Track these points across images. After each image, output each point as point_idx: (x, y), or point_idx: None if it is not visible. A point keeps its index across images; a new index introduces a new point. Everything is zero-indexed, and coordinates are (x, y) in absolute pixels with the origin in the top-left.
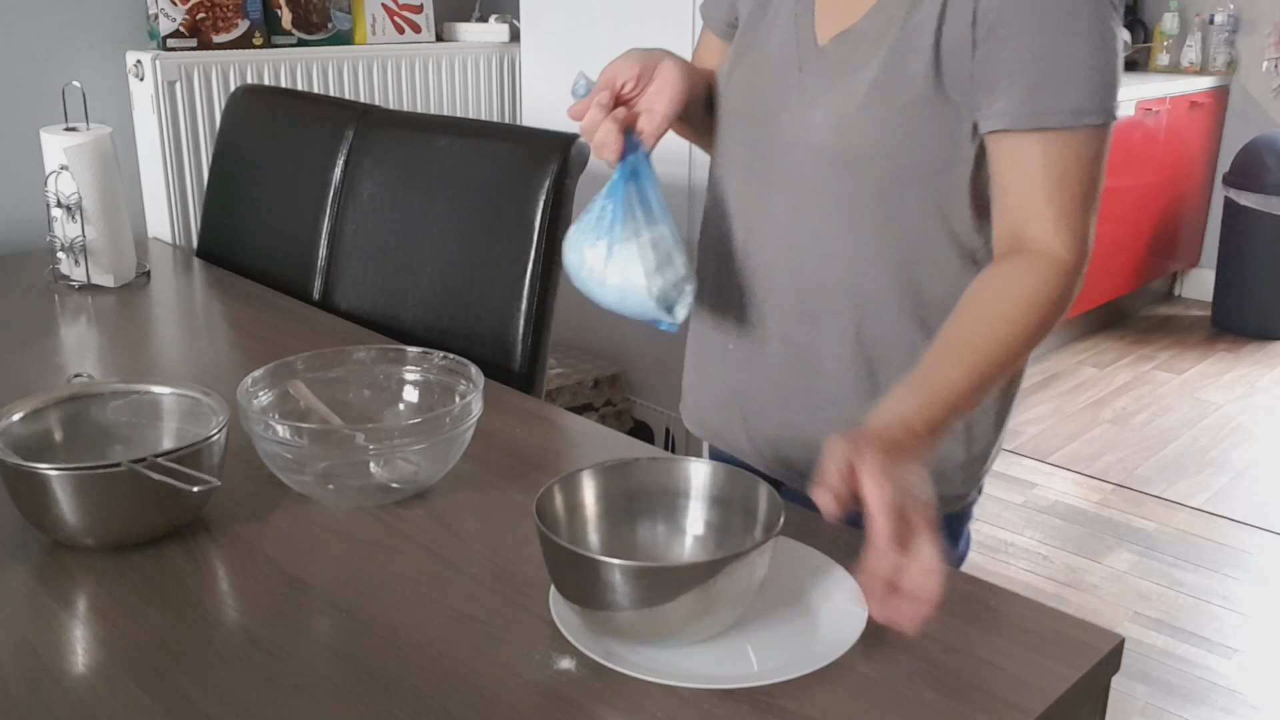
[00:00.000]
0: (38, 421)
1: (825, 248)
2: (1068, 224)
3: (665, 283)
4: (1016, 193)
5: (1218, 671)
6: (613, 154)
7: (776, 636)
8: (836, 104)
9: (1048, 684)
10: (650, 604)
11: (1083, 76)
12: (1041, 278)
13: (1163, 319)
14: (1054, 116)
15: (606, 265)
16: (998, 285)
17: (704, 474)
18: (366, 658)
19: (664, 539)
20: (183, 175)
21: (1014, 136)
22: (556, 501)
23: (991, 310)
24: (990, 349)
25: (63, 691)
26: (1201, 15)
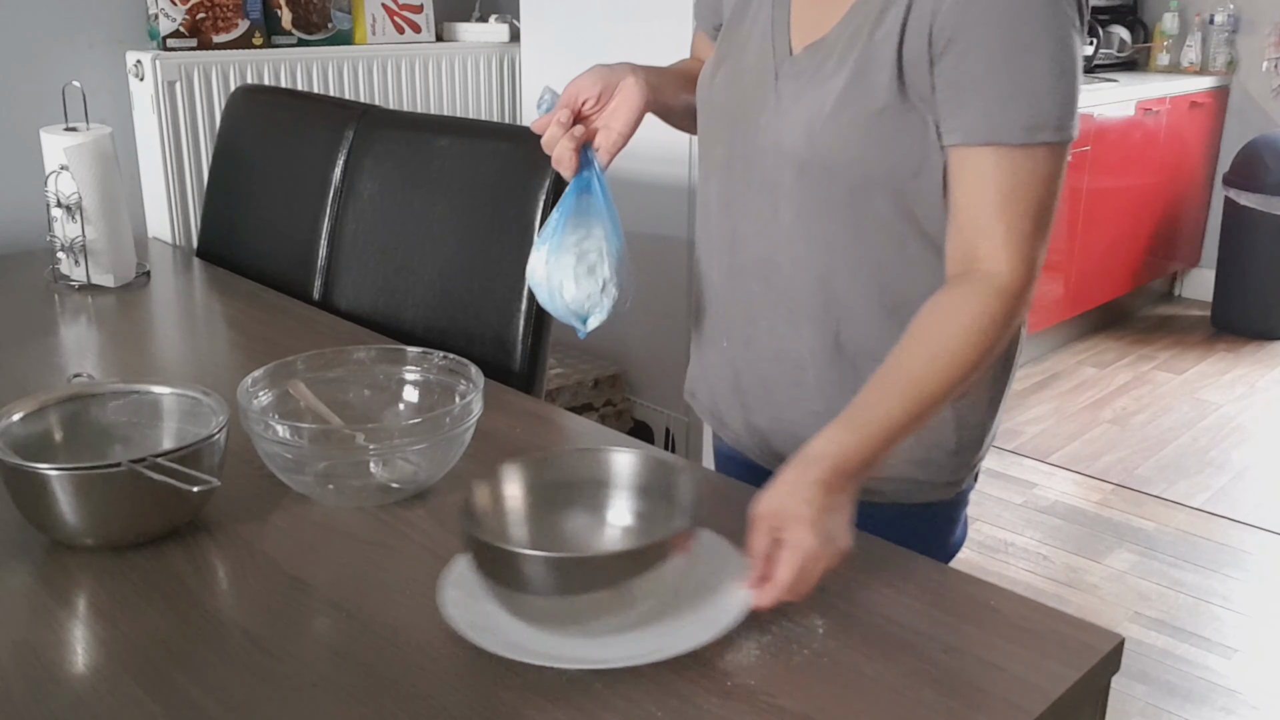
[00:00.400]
0: (38, 421)
1: (799, 251)
2: (1015, 243)
3: (581, 293)
4: (968, 207)
5: (1218, 672)
6: (568, 170)
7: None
8: (806, 112)
9: (1048, 684)
10: (567, 593)
11: (1039, 94)
12: (983, 305)
13: (1163, 319)
14: (1008, 133)
15: (545, 269)
16: (940, 316)
17: (630, 464)
18: (366, 658)
19: (588, 530)
20: (183, 175)
21: (968, 151)
22: (483, 498)
23: (932, 342)
24: (929, 381)
25: (62, 691)
26: (1201, 15)
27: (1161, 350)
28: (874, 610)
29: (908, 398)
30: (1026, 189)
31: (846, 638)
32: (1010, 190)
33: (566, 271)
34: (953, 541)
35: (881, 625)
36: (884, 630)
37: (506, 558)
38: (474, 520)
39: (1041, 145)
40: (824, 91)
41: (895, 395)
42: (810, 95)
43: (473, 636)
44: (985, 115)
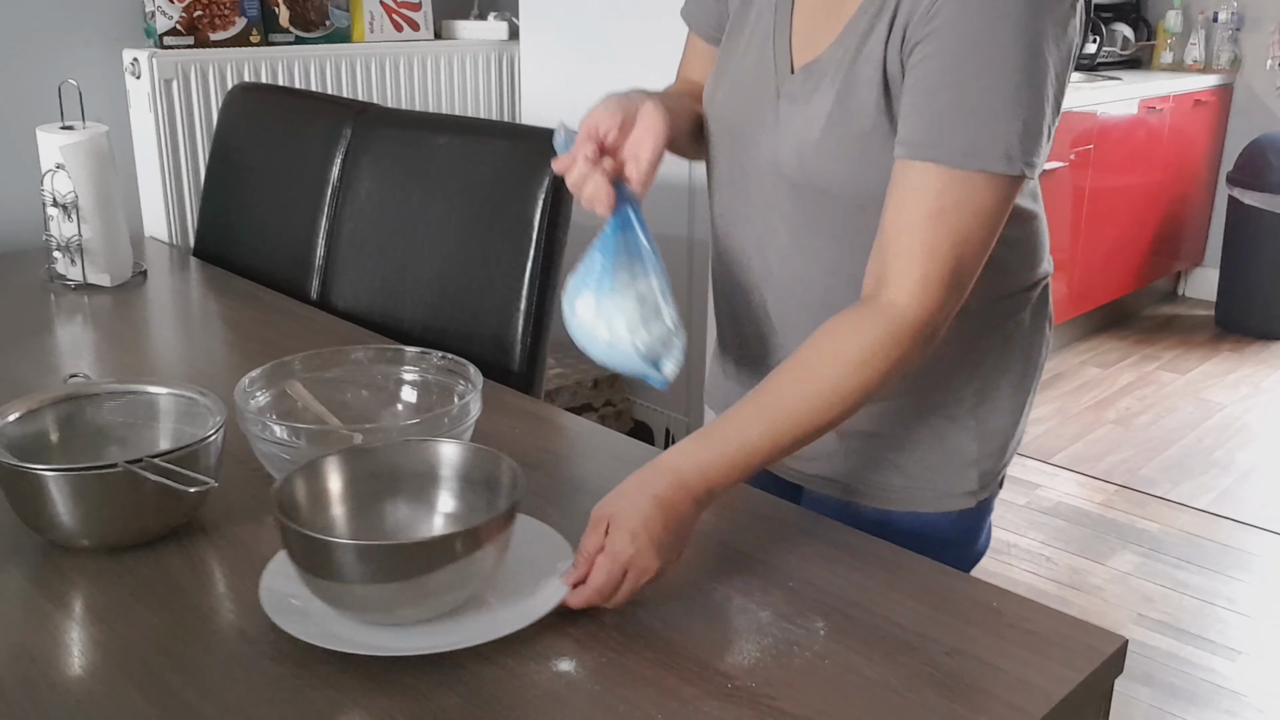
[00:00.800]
0: (33, 422)
1: (798, 268)
2: (924, 269)
3: (651, 338)
4: (893, 223)
5: (1222, 674)
6: (605, 207)
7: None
8: (797, 135)
9: (1051, 686)
10: (383, 580)
11: (985, 119)
12: (875, 339)
13: (1167, 319)
14: (944, 153)
15: (595, 319)
16: (828, 345)
17: (452, 454)
18: (364, 658)
19: (410, 520)
20: (179, 174)
21: (906, 164)
22: (299, 488)
23: (814, 373)
24: (801, 413)
25: (58, 694)
26: (1205, 13)
27: (1165, 350)
28: (876, 612)
29: (776, 426)
30: (953, 215)
31: (848, 639)
32: (937, 213)
33: (630, 317)
34: (975, 551)
35: (883, 627)
36: (886, 632)
37: (317, 546)
38: (291, 509)
39: (980, 174)
40: (812, 114)
41: (763, 421)
42: (801, 118)
43: (285, 624)
44: (928, 131)
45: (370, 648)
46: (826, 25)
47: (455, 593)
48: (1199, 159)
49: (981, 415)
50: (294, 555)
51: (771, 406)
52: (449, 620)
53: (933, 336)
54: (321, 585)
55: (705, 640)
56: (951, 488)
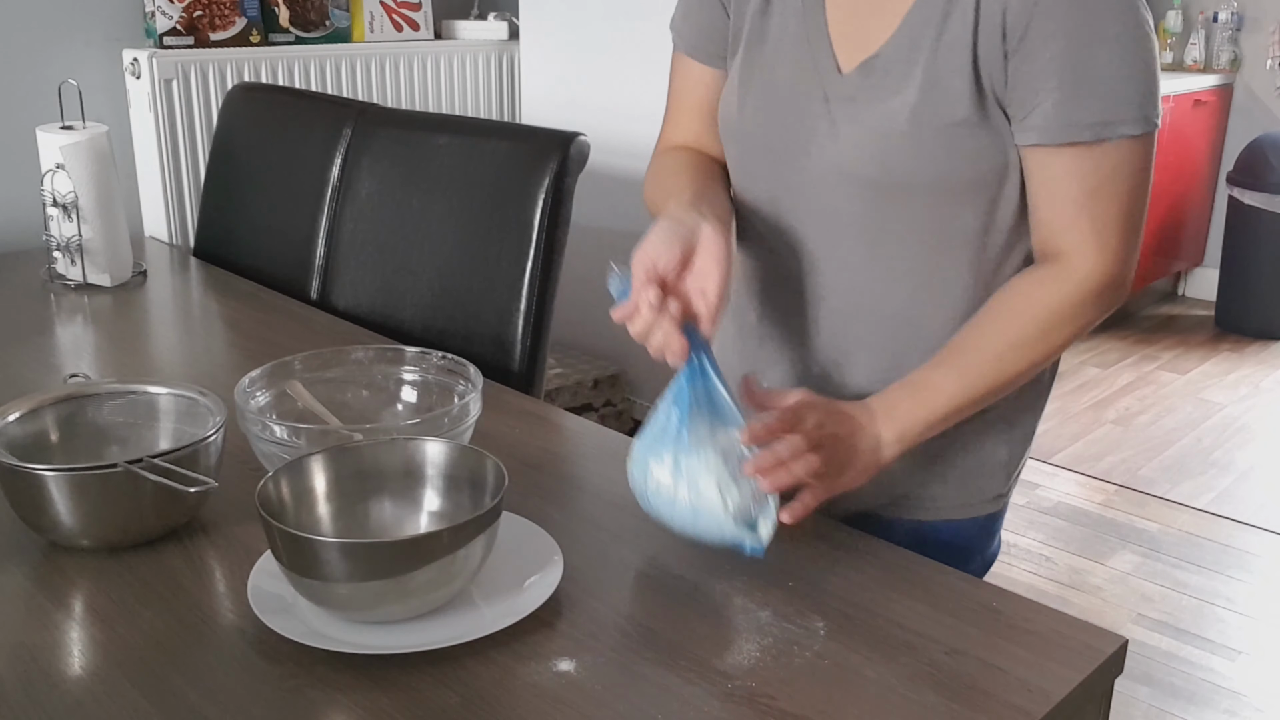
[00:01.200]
0: (34, 422)
1: (867, 280)
2: (1100, 238)
3: (742, 496)
4: (1048, 207)
5: (1221, 674)
6: (678, 358)
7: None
8: (874, 133)
9: (1051, 686)
10: (367, 578)
11: (1114, 87)
12: (1063, 290)
13: (1166, 319)
14: (1085, 130)
15: (675, 481)
16: (1017, 303)
17: (438, 453)
18: (364, 659)
19: (395, 518)
20: (179, 174)
21: (1046, 151)
22: (284, 487)
23: (1004, 326)
24: (989, 364)
25: (59, 694)
26: (1205, 13)
27: (1165, 350)
28: (875, 612)
29: (966, 374)
30: (1110, 185)
31: (848, 639)
32: (1094, 189)
33: (716, 473)
34: (990, 553)
35: (883, 627)
36: (885, 632)
37: (301, 544)
38: (276, 508)
39: (1122, 139)
40: (892, 109)
41: (955, 368)
42: (875, 114)
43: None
44: (1059, 114)
45: (356, 645)
46: (875, 21)
47: (439, 591)
48: (1199, 159)
49: (1011, 417)
50: (279, 553)
51: (962, 355)
52: (438, 618)
53: (1121, 288)
54: (306, 583)
55: (705, 640)
56: (984, 493)
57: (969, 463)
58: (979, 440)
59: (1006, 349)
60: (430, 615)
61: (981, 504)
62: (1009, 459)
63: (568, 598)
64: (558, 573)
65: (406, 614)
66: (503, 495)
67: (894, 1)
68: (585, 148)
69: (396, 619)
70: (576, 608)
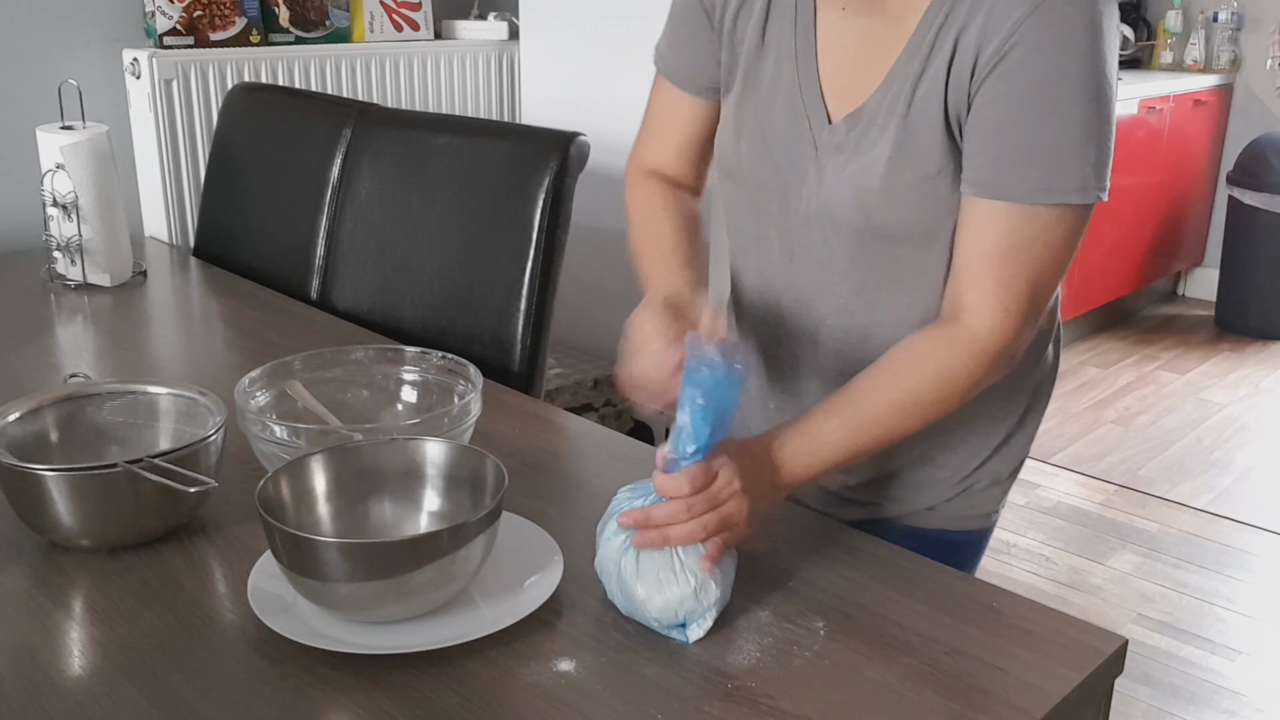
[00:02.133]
0: (34, 422)
1: (856, 320)
2: (1003, 302)
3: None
4: (965, 254)
5: (1221, 674)
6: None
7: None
8: (854, 184)
9: (1051, 686)
10: (366, 578)
11: (1055, 157)
12: (954, 359)
13: (1166, 319)
14: (1017, 191)
15: (608, 564)
16: (909, 359)
17: (438, 453)
18: (364, 659)
19: (395, 518)
20: (179, 174)
21: (976, 200)
22: (284, 487)
23: (894, 380)
24: (879, 416)
25: (59, 694)
26: (1205, 13)
27: (1165, 350)
28: (875, 612)
29: (853, 423)
30: (1026, 249)
31: (848, 639)
32: (1010, 248)
33: (646, 574)
34: (978, 565)
35: (883, 627)
36: (885, 632)
37: (301, 544)
38: (276, 508)
39: (1054, 207)
40: (869, 162)
41: (843, 418)
42: (855, 167)
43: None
44: (998, 168)
45: (356, 645)
46: (864, 73)
47: (439, 591)
48: (1199, 159)
49: (1011, 436)
50: (279, 553)
51: (851, 406)
52: (438, 618)
53: (1011, 359)
54: (306, 584)
55: (705, 640)
56: (979, 508)
57: (968, 480)
58: (973, 458)
59: (896, 407)
60: (430, 615)
61: (976, 518)
62: (1006, 476)
63: (568, 598)
64: (558, 573)
65: (406, 614)
66: (503, 495)
67: (882, 54)
68: (585, 148)
69: (397, 619)
70: (576, 608)
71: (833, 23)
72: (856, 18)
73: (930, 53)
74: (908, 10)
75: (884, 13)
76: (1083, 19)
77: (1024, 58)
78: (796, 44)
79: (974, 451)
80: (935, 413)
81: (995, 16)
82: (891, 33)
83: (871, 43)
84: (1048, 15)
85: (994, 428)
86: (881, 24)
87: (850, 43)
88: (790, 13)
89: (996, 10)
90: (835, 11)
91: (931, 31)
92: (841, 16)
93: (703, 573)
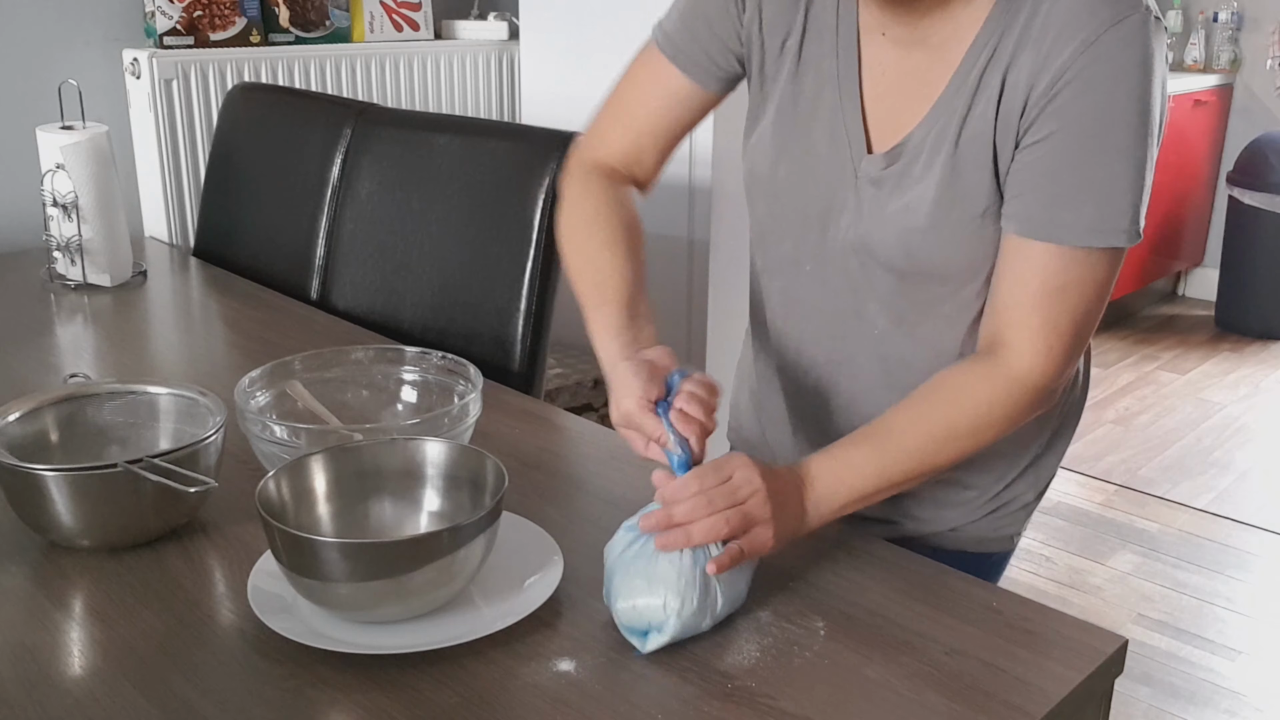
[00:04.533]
0: (34, 422)
1: (894, 350)
2: (1047, 341)
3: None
4: (1008, 294)
5: (1221, 674)
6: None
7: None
8: (898, 223)
9: (1051, 686)
10: (367, 578)
11: (1113, 198)
12: (998, 388)
13: (1166, 319)
14: (1069, 233)
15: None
16: (947, 393)
17: (438, 453)
18: (364, 659)
19: (395, 518)
20: (180, 174)
21: (1022, 240)
22: (284, 487)
23: (930, 414)
24: (912, 450)
25: (59, 694)
26: (1205, 13)
27: (1165, 350)
28: (875, 612)
29: (885, 456)
30: (1074, 291)
31: (848, 639)
32: (1058, 289)
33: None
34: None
35: (883, 627)
36: (886, 632)
37: (301, 544)
38: (276, 508)
39: (1101, 251)
40: (914, 199)
41: (875, 449)
42: (899, 204)
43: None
44: (1050, 210)
45: (356, 646)
46: (908, 105)
47: (439, 591)
48: (1199, 159)
49: (1038, 459)
50: (279, 553)
51: (883, 434)
52: (438, 618)
53: (1051, 397)
54: (305, 583)
55: (705, 640)
56: (1003, 530)
57: (992, 504)
58: (997, 482)
59: (931, 440)
60: (430, 615)
61: (999, 540)
62: (1032, 500)
63: (568, 598)
64: (558, 573)
65: (406, 614)
66: (503, 495)
67: (925, 88)
68: None
69: (396, 619)
70: (576, 608)
71: (875, 49)
72: (898, 48)
73: (977, 90)
74: (951, 42)
75: (925, 45)
76: (1135, 54)
77: (1077, 95)
78: (839, 68)
79: (1001, 474)
80: (969, 447)
81: (1046, 53)
82: (934, 67)
83: (914, 76)
84: (1101, 51)
85: (1022, 451)
86: (924, 56)
87: (892, 72)
88: (831, 34)
89: (1046, 46)
90: (877, 37)
91: (978, 68)
92: (884, 44)
93: (680, 582)
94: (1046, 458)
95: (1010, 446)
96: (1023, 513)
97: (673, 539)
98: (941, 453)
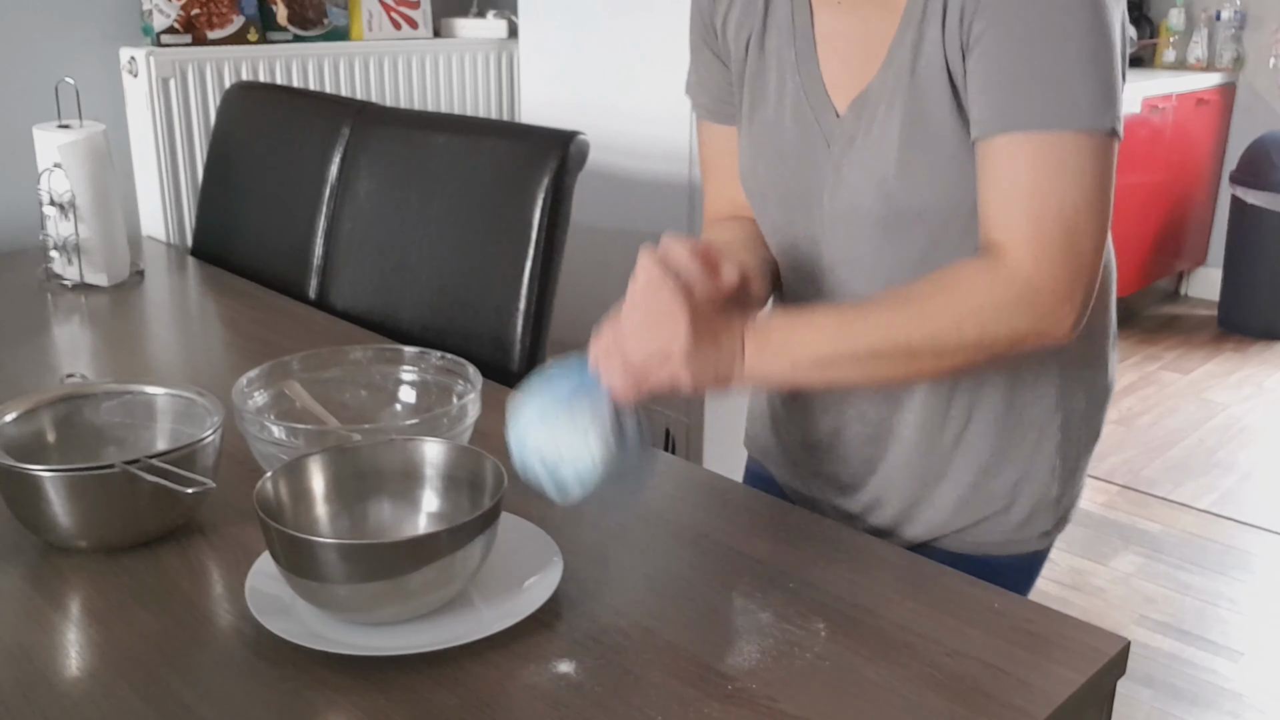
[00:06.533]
0: (31, 422)
1: None
2: (1038, 235)
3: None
4: (988, 199)
5: (1224, 675)
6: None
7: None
8: (870, 171)
9: (1053, 688)
10: (365, 580)
11: (1060, 81)
12: (981, 279)
13: (1169, 318)
14: (1027, 117)
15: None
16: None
17: (436, 453)
18: (362, 660)
19: (394, 519)
20: (177, 173)
21: (986, 144)
22: (283, 488)
23: (917, 291)
24: (890, 330)
25: (55, 695)
26: (1208, 11)
27: (1168, 350)
28: (876, 613)
29: (855, 331)
30: (1054, 181)
31: (848, 641)
32: (1032, 182)
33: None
34: (1030, 587)
35: (884, 628)
36: (886, 633)
37: (299, 545)
38: (275, 508)
39: (1069, 133)
40: (882, 143)
41: (851, 324)
42: (868, 151)
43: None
44: (1002, 100)
45: (355, 647)
46: (865, 56)
47: (438, 592)
48: (1202, 158)
49: (1065, 453)
50: (277, 554)
51: (854, 307)
52: (436, 619)
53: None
54: (304, 585)
55: (705, 641)
56: (1033, 530)
57: (1017, 499)
58: (1023, 478)
59: (904, 313)
60: (429, 617)
61: (1027, 542)
62: (1061, 494)
63: (567, 599)
64: (557, 574)
65: (405, 615)
66: (502, 496)
67: (880, 37)
68: (585, 147)
69: (395, 620)
70: (576, 609)
71: (829, 21)
72: (851, 15)
73: (923, 19)
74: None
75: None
76: None
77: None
78: (796, 50)
79: (1014, 473)
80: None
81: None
82: (886, 16)
83: (868, 30)
84: None
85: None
86: (875, 9)
87: (849, 36)
88: (787, 22)
89: None
90: (829, 10)
91: (921, 2)
92: (838, 12)
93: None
94: (1068, 448)
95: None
96: (1056, 508)
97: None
98: (916, 330)
